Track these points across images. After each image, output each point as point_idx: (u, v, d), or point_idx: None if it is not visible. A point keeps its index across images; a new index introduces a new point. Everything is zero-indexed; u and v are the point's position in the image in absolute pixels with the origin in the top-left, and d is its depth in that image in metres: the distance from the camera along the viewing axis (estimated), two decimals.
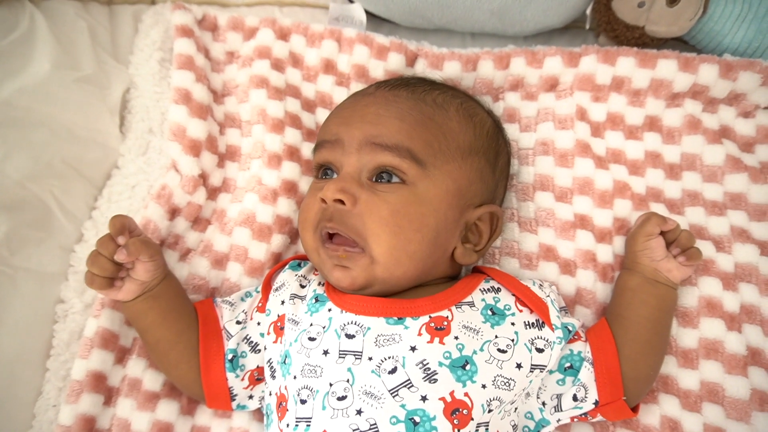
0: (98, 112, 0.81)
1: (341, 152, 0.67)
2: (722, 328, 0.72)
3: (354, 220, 0.64)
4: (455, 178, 0.67)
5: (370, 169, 0.66)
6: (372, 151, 0.66)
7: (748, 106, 0.82)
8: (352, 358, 0.60)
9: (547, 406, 0.66)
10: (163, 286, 0.70)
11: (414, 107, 0.68)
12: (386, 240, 0.63)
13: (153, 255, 0.68)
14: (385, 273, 0.64)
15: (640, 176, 0.81)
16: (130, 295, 0.69)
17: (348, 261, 0.64)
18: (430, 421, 0.57)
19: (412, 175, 0.65)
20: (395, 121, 0.66)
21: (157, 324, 0.69)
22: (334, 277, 0.65)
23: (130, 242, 0.66)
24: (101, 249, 0.66)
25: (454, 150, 0.68)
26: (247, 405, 0.71)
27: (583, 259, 0.76)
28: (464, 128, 0.70)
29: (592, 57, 0.82)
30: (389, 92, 0.71)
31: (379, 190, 0.65)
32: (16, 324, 0.70)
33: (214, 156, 0.82)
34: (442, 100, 0.71)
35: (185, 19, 0.85)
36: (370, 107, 0.69)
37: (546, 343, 0.64)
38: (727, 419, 0.69)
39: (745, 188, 0.78)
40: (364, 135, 0.66)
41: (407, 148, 0.65)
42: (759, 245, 0.76)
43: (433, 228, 0.65)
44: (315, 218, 0.67)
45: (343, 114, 0.71)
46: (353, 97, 0.75)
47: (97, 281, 0.66)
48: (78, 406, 0.67)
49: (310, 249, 0.69)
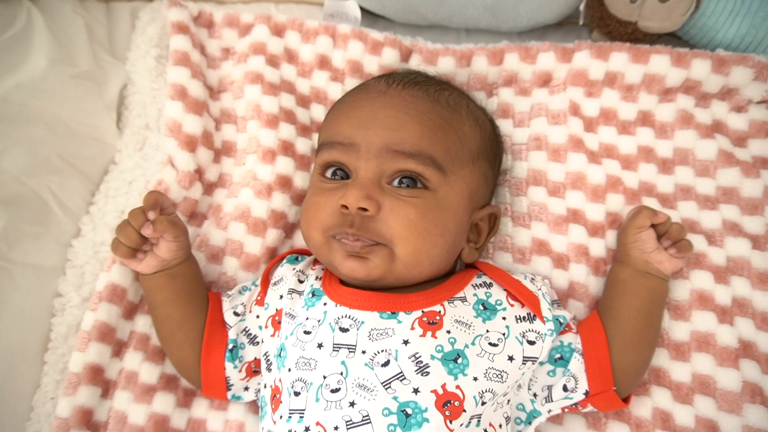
0: (95, 109, 0.82)
1: (356, 156, 0.65)
2: (714, 321, 0.72)
3: (377, 225, 0.63)
4: (468, 182, 0.68)
5: (390, 174, 0.65)
6: (393, 158, 0.64)
7: (741, 100, 0.82)
8: (346, 351, 0.61)
9: (538, 397, 0.67)
10: (183, 267, 0.72)
11: (432, 110, 0.67)
12: (413, 242, 0.63)
13: (178, 236, 0.69)
14: (403, 270, 0.64)
15: (633, 171, 0.81)
16: (149, 269, 0.71)
17: (368, 253, 0.63)
18: (422, 413, 0.57)
19: (435, 182, 0.65)
20: (416, 126, 0.65)
21: (170, 301, 0.71)
22: (347, 266, 0.64)
23: (159, 219, 0.68)
24: (131, 220, 0.68)
25: (467, 154, 0.69)
26: (242, 396, 0.72)
27: (575, 253, 0.76)
28: (474, 132, 0.71)
29: (585, 52, 0.82)
30: (404, 92, 0.69)
31: (402, 194, 0.64)
32: (15, 318, 0.71)
33: (210, 151, 0.82)
34: (453, 101, 0.71)
35: (181, 15, 0.85)
36: (387, 110, 0.67)
37: (537, 336, 0.65)
38: (719, 411, 0.69)
39: (737, 182, 0.78)
40: (383, 141, 0.65)
41: (430, 155, 0.65)
42: (751, 239, 0.76)
43: (453, 232, 0.66)
44: (328, 220, 0.65)
45: (358, 116, 0.68)
46: (364, 93, 0.72)
47: (122, 249, 0.69)
48: (75, 399, 0.68)
49: (318, 245, 0.67)
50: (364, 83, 0.77)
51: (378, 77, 0.76)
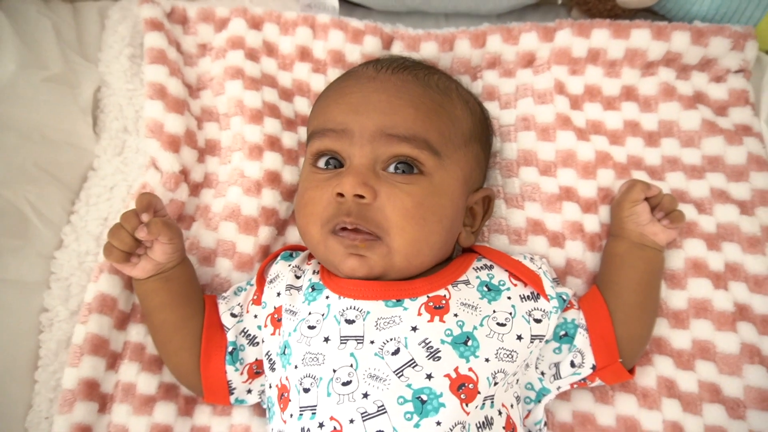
0: (69, 113, 0.78)
1: (349, 142, 0.64)
2: (709, 287, 0.74)
3: (374, 213, 0.62)
4: (462, 166, 0.68)
5: (385, 159, 0.64)
6: (387, 142, 0.63)
7: (720, 70, 0.84)
8: (354, 342, 0.60)
9: (546, 375, 0.67)
10: (178, 270, 0.70)
11: (424, 94, 0.67)
12: (411, 232, 0.62)
13: (172, 238, 0.67)
14: (404, 262, 0.63)
15: (621, 145, 0.82)
16: (144, 273, 0.68)
17: (366, 250, 0.62)
18: (438, 398, 0.57)
19: (430, 166, 0.64)
20: (410, 110, 0.65)
21: (165, 305, 0.69)
22: (348, 266, 0.63)
23: (153, 222, 0.65)
24: (124, 223, 0.66)
25: (459, 138, 0.68)
26: (245, 399, 0.70)
27: (570, 230, 0.77)
28: (465, 115, 0.71)
29: (566, 31, 0.83)
30: (394, 76, 0.68)
31: (398, 181, 0.63)
32: (0, 337, 0.67)
33: (193, 151, 0.80)
34: (444, 85, 0.70)
35: (154, 12, 0.82)
36: (379, 94, 0.66)
37: (543, 314, 0.65)
38: (720, 374, 0.71)
39: (721, 151, 0.80)
40: (376, 125, 0.64)
41: (424, 138, 0.64)
42: (738, 204, 0.78)
43: (450, 218, 0.66)
44: (325, 212, 0.64)
45: (349, 101, 0.67)
46: (353, 79, 0.70)
47: (115, 253, 0.66)
48: (72, 416, 0.65)
49: (315, 242, 0.66)
50: (352, 70, 0.75)
51: (366, 63, 0.75)
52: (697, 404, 0.70)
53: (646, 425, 0.69)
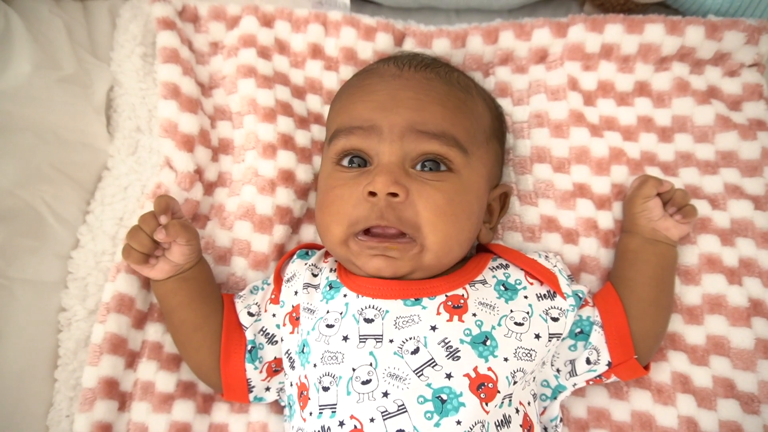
0: (83, 113, 0.78)
1: (377, 140, 0.64)
2: (723, 282, 0.74)
3: (407, 212, 0.62)
4: (485, 163, 0.68)
5: (414, 157, 0.64)
6: (417, 139, 0.63)
7: (734, 65, 0.83)
8: (373, 341, 0.60)
9: (562, 373, 0.68)
10: (195, 270, 0.70)
11: (450, 92, 0.67)
12: (443, 229, 0.62)
13: (190, 239, 0.68)
14: (434, 260, 0.63)
15: (634, 141, 0.82)
16: (162, 274, 0.69)
17: (396, 252, 0.62)
18: (458, 398, 0.57)
19: (458, 163, 0.64)
20: (438, 107, 0.65)
21: (184, 305, 0.69)
22: (373, 266, 0.62)
23: (171, 224, 0.66)
24: (143, 225, 0.66)
25: (481, 135, 0.68)
26: (264, 397, 0.71)
27: (584, 227, 0.77)
28: (485, 112, 0.71)
29: (579, 26, 0.82)
30: (418, 74, 0.68)
31: (427, 179, 0.63)
32: (19, 336, 0.68)
33: (207, 150, 0.80)
34: (464, 82, 0.71)
35: (166, 11, 0.82)
36: (407, 92, 0.65)
37: (560, 312, 0.65)
38: (734, 370, 0.71)
39: (735, 146, 0.80)
40: (406, 122, 0.63)
41: (453, 135, 0.64)
42: (752, 200, 0.78)
43: (477, 214, 0.67)
44: (355, 212, 0.63)
45: (376, 99, 0.66)
46: (377, 77, 0.70)
47: (134, 255, 0.67)
48: (93, 414, 0.66)
49: (335, 241, 0.65)
50: (371, 68, 0.75)
51: (384, 60, 0.75)
52: (712, 399, 0.70)
53: (660, 421, 0.70)
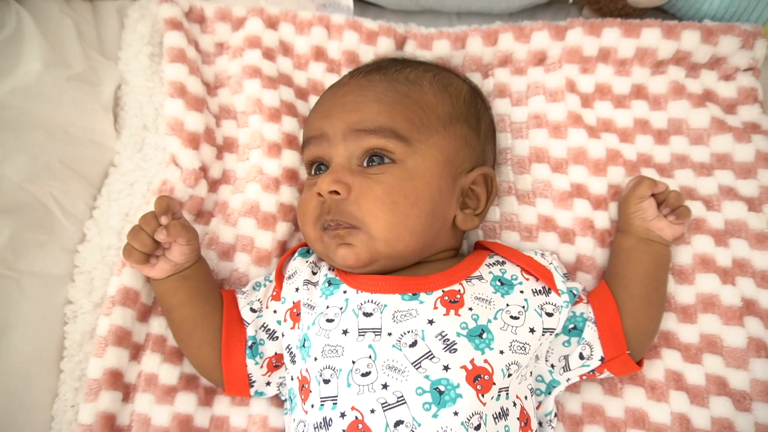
0: (92, 111, 0.80)
1: (327, 145, 0.69)
2: (717, 282, 0.75)
3: (350, 207, 0.65)
4: (441, 148, 0.69)
5: (359, 155, 0.67)
6: (357, 138, 0.67)
7: (729, 69, 0.85)
8: (372, 335, 0.62)
9: (556, 368, 0.69)
10: (194, 269, 0.72)
11: (389, 88, 0.70)
12: (383, 218, 0.65)
13: (190, 239, 0.69)
14: (388, 248, 0.65)
15: (631, 143, 0.83)
16: (163, 273, 0.70)
17: (348, 237, 0.65)
18: (455, 389, 0.59)
19: (400, 153, 0.67)
20: (373, 104, 0.68)
21: (184, 303, 0.71)
22: (339, 256, 0.66)
23: (172, 224, 0.68)
24: (144, 225, 0.68)
25: (435, 122, 0.69)
26: (264, 392, 0.72)
27: (581, 226, 0.78)
28: (441, 99, 0.72)
29: (578, 30, 0.84)
30: (363, 78, 0.72)
31: (371, 173, 0.66)
32: (26, 328, 0.69)
33: (212, 148, 0.81)
34: (414, 76, 0.72)
35: (173, 11, 0.84)
36: (347, 96, 0.70)
37: (554, 308, 0.67)
38: (726, 368, 0.72)
39: (730, 148, 0.81)
40: (346, 124, 0.67)
41: (390, 128, 0.67)
42: (746, 201, 0.79)
43: (428, 200, 0.67)
44: (314, 212, 0.68)
45: (323, 108, 0.72)
46: (329, 90, 0.76)
47: (135, 255, 0.68)
48: (97, 404, 0.67)
49: (313, 240, 0.70)
50: (334, 82, 0.79)
51: (349, 72, 0.78)
52: (704, 397, 0.71)
53: (654, 417, 0.71)
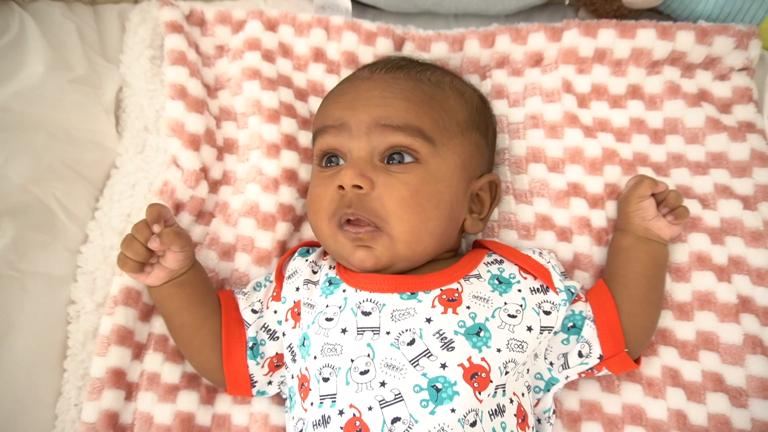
0: (94, 113, 0.81)
1: (347, 136, 0.68)
2: (713, 280, 0.76)
3: (373, 203, 0.65)
4: (459, 153, 0.70)
5: (381, 151, 0.67)
6: (382, 133, 0.66)
7: (724, 69, 0.86)
8: (371, 333, 0.63)
9: (555, 366, 0.70)
10: (190, 275, 0.72)
11: (415, 87, 0.70)
12: (408, 219, 0.65)
13: (184, 246, 0.69)
14: (408, 250, 0.66)
15: (627, 142, 0.84)
16: (158, 281, 0.70)
17: (371, 241, 0.65)
18: (452, 387, 0.59)
19: (425, 154, 0.67)
20: (402, 101, 0.68)
21: (182, 309, 0.71)
22: (357, 258, 0.66)
23: (165, 232, 0.68)
24: (136, 234, 0.68)
25: (455, 126, 0.70)
26: (266, 391, 0.73)
27: (578, 225, 0.79)
28: (459, 104, 0.73)
29: (574, 31, 0.85)
30: (386, 75, 0.72)
31: (394, 171, 0.66)
32: (31, 327, 0.70)
33: (213, 149, 0.82)
34: (436, 78, 0.73)
35: (174, 15, 0.85)
36: (372, 91, 0.69)
37: (552, 306, 0.68)
38: (723, 364, 0.73)
39: (725, 147, 0.82)
40: (371, 117, 0.67)
41: (417, 127, 0.67)
42: (741, 200, 0.80)
43: (448, 203, 0.68)
44: (330, 206, 0.67)
45: (345, 99, 0.71)
46: (349, 81, 0.75)
47: (129, 264, 0.68)
48: (101, 403, 0.68)
49: (325, 237, 0.69)
50: (351, 74, 0.79)
51: (363, 67, 0.79)
52: (701, 393, 0.72)
53: (651, 413, 0.71)
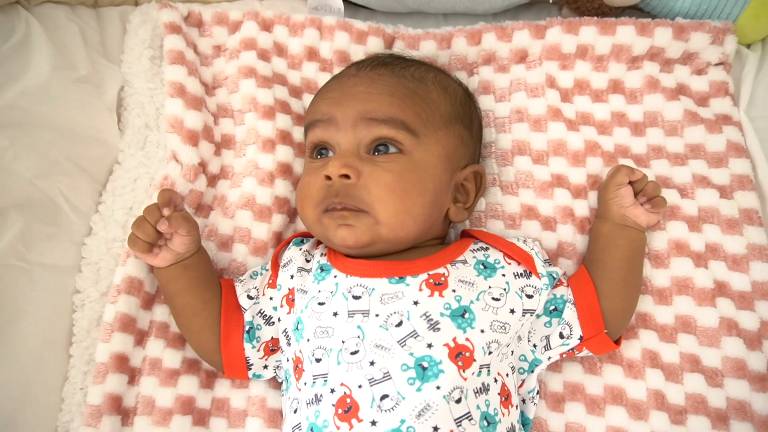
0: (97, 111, 0.84)
1: (335, 130, 0.72)
2: (690, 266, 0.79)
3: (359, 191, 0.68)
4: (443, 144, 0.73)
5: (367, 143, 0.70)
6: (367, 126, 0.70)
7: (701, 63, 0.89)
8: (361, 316, 0.66)
9: (538, 347, 0.73)
10: (195, 259, 0.76)
11: (399, 83, 0.73)
12: (393, 204, 0.68)
13: (191, 230, 0.73)
14: (390, 234, 0.69)
15: (608, 135, 0.87)
16: (164, 262, 0.74)
17: (352, 219, 0.69)
18: (437, 365, 0.62)
19: (408, 145, 0.70)
20: (386, 96, 0.71)
21: (185, 290, 0.75)
22: (339, 236, 0.69)
23: (173, 215, 0.71)
24: (147, 216, 0.72)
25: (438, 119, 0.74)
26: (262, 374, 0.76)
27: (562, 215, 0.82)
28: (442, 98, 0.76)
29: (557, 28, 0.88)
30: (372, 72, 0.75)
31: (379, 161, 0.70)
32: (38, 316, 0.73)
33: (211, 145, 0.86)
34: (419, 74, 0.76)
35: (172, 16, 0.88)
36: (358, 87, 0.73)
37: (534, 290, 0.71)
38: (700, 346, 0.76)
39: (702, 139, 0.85)
40: (357, 112, 0.71)
41: (401, 120, 0.70)
42: (718, 189, 0.82)
43: (432, 191, 0.71)
44: (317, 195, 0.71)
45: (332, 95, 0.75)
46: (337, 79, 0.79)
47: (139, 244, 0.72)
48: (105, 386, 0.71)
49: (311, 222, 0.73)
50: (339, 72, 0.82)
51: (351, 64, 0.82)
52: (679, 374, 0.75)
53: (631, 394, 0.74)
